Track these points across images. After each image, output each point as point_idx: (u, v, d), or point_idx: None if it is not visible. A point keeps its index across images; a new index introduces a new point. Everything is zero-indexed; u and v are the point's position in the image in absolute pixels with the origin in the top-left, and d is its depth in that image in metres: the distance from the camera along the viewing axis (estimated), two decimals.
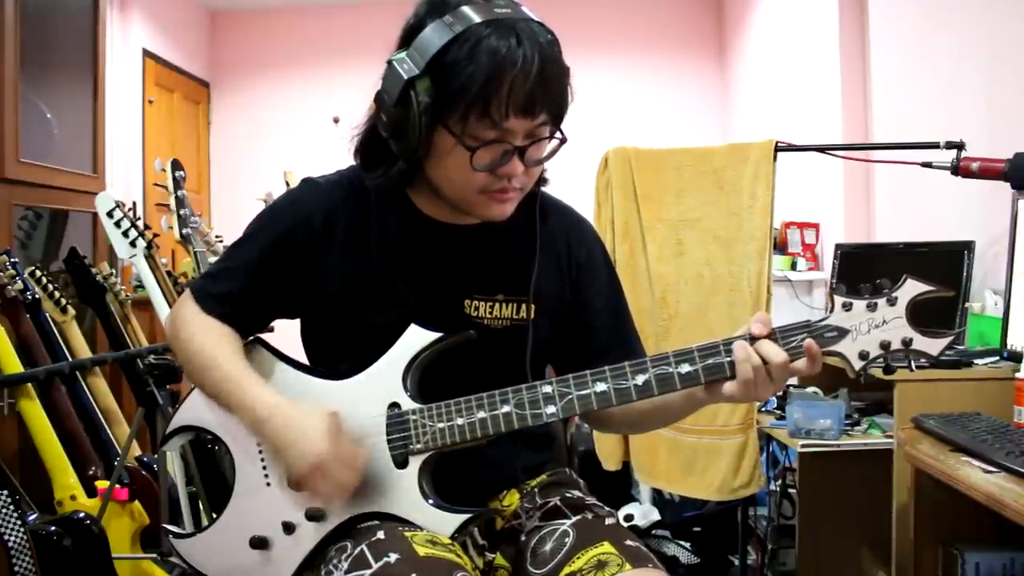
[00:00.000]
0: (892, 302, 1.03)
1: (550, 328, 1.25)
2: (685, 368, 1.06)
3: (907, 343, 1.03)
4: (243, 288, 1.21)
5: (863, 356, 1.04)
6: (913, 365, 1.05)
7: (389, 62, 1.08)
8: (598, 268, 1.30)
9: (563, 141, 1.13)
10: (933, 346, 1.03)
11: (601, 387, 1.08)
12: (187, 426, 1.26)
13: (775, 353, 1.04)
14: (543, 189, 1.26)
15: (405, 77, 1.04)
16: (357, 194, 1.20)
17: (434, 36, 1.04)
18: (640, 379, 1.07)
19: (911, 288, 1.02)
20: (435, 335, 1.13)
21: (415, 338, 1.14)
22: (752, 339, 1.05)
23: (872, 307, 1.03)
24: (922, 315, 1.03)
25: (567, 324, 1.27)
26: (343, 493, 1.10)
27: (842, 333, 1.04)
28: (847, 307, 1.04)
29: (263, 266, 1.20)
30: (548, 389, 1.09)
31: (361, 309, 1.18)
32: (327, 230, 1.18)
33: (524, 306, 1.21)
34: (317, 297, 1.20)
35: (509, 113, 1.04)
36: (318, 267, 1.18)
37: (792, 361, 1.04)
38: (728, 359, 1.05)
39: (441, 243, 1.20)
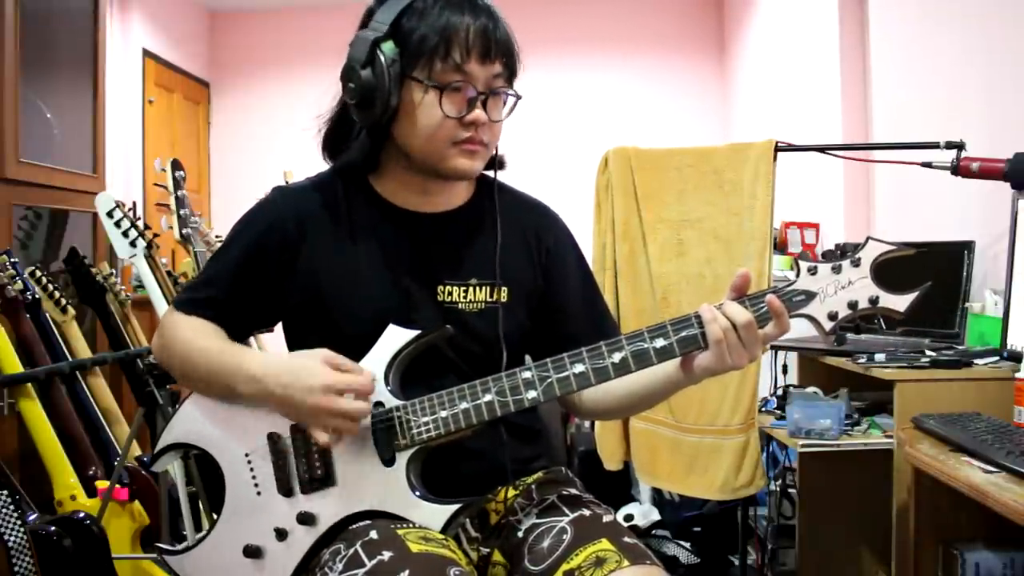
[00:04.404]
0: (856, 263, 1.05)
1: (525, 314, 1.28)
2: (660, 343, 1.08)
3: (874, 301, 1.04)
4: (224, 295, 1.24)
5: (832, 317, 1.06)
6: (883, 324, 1.07)
7: (354, 39, 1.16)
8: (566, 253, 1.34)
9: (518, 98, 1.20)
10: (900, 302, 1.04)
11: (579, 368, 1.09)
12: (176, 443, 1.27)
13: (739, 312, 1.06)
14: (499, 178, 1.31)
15: (371, 38, 1.13)
16: (327, 194, 1.25)
17: (392, 5, 1.15)
18: (617, 357, 1.08)
19: (873, 249, 1.04)
20: (413, 333, 1.15)
21: (394, 337, 1.15)
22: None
23: (837, 269, 1.05)
24: (890, 280, 1.04)
25: (541, 309, 1.30)
26: (365, 409, 1.10)
27: (810, 296, 1.06)
28: (812, 271, 1.06)
29: (241, 272, 1.23)
30: (528, 375, 1.11)
31: (339, 305, 1.20)
32: (300, 232, 1.22)
33: (498, 289, 1.24)
34: (296, 298, 1.22)
35: (470, 55, 1.13)
36: (294, 268, 1.21)
37: (761, 327, 1.06)
38: (701, 330, 1.07)
39: (409, 231, 1.24)
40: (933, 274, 1.05)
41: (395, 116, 1.17)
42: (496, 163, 1.28)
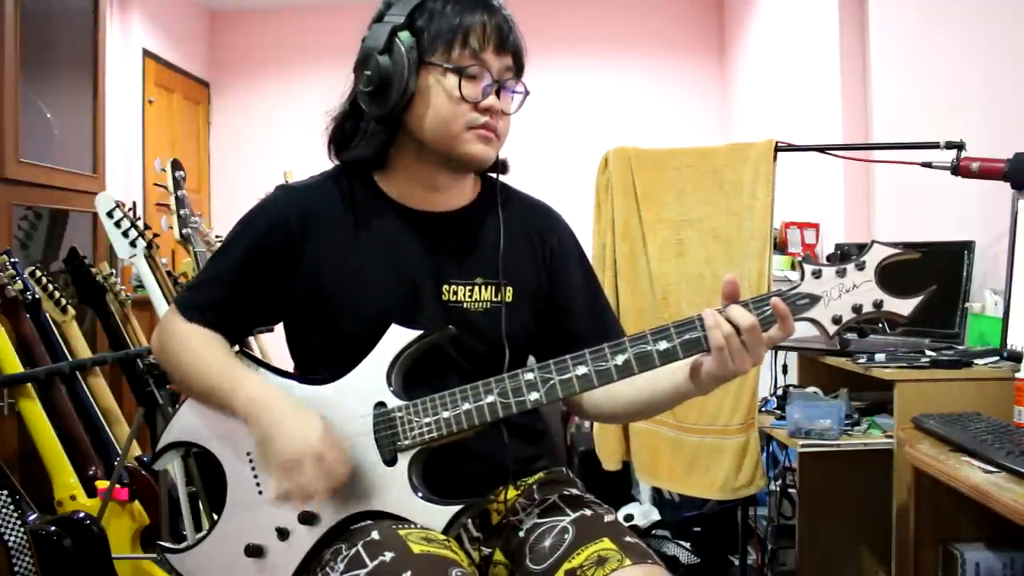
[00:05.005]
0: (860, 267, 1.04)
1: (529, 314, 1.28)
2: (663, 345, 1.07)
3: (878, 305, 1.04)
4: (226, 294, 1.23)
5: (836, 321, 1.05)
6: (887, 327, 1.06)
7: (368, 31, 1.19)
8: (570, 253, 1.34)
9: (527, 93, 1.23)
10: (904, 306, 1.04)
11: (582, 370, 1.09)
12: (177, 442, 1.27)
13: (743, 316, 1.05)
14: (502, 179, 1.31)
15: (390, 26, 1.15)
16: (332, 192, 1.25)
17: (405, 3, 1.17)
18: (620, 359, 1.08)
19: (878, 252, 1.04)
20: (415, 333, 1.15)
21: (396, 337, 1.15)
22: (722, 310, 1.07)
23: (841, 273, 1.05)
24: (895, 284, 1.04)
25: (545, 310, 1.30)
26: (332, 487, 1.09)
27: (814, 300, 1.06)
28: (816, 274, 1.06)
29: (243, 271, 1.23)
30: (530, 376, 1.11)
31: (342, 303, 1.20)
32: (303, 230, 1.21)
33: (502, 289, 1.24)
34: (299, 295, 1.22)
35: (487, 44, 1.16)
36: (297, 267, 1.21)
37: (764, 330, 1.05)
38: (704, 333, 1.06)
39: (414, 229, 1.24)
40: (933, 274, 1.05)
41: (409, 104, 1.17)
42: (499, 165, 1.28)
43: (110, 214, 2.45)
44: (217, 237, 2.88)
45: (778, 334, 1.06)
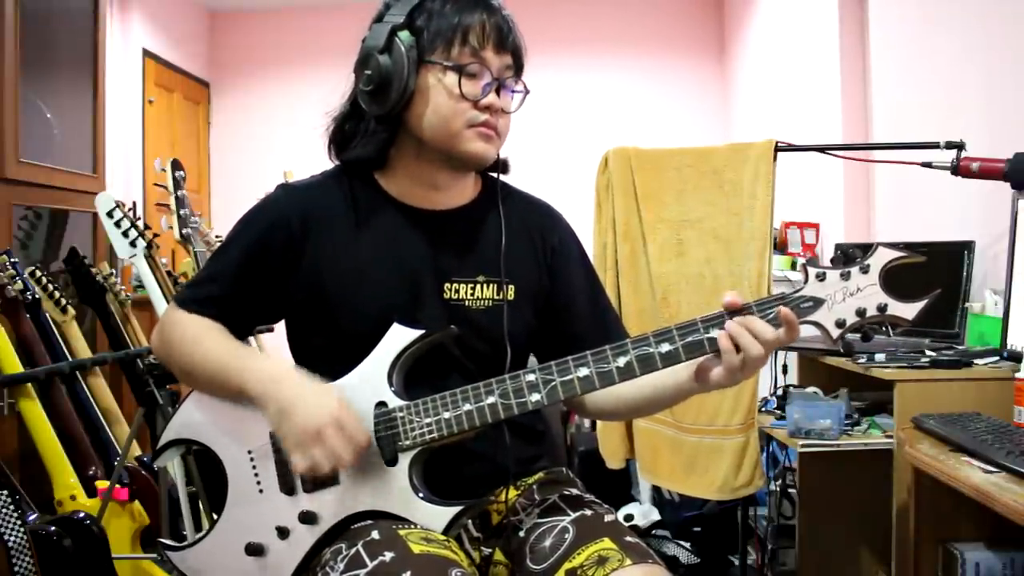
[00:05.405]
0: (865, 270, 1.04)
1: (531, 313, 1.28)
2: (665, 347, 1.08)
3: (882, 308, 1.04)
4: (226, 292, 1.23)
5: (840, 324, 1.05)
6: (891, 331, 1.06)
7: (368, 31, 1.19)
8: (571, 253, 1.34)
9: (527, 92, 1.23)
10: (908, 310, 1.04)
11: (584, 372, 1.09)
12: (178, 439, 1.27)
13: (763, 328, 1.05)
14: (503, 179, 1.31)
15: (390, 25, 1.16)
16: (333, 191, 1.25)
17: (404, 4, 1.18)
18: (621, 361, 1.08)
19: (882, 255, 1.04)
20: (417, 333, 1.15)
21: (398, 337, 1.15)
22: (731, 314, 1.07)
23: (846, 276, 1.05)
24: (899, 287, 1.04)
25: (547, 309, 1.30)
26: (354, 453, 1.09)
27: (817, 303, 1.06)
28: (820, 277, 1.06)
29: (244, 269, 1.22)
30: (531, 377, 1.11)
31: (343, 302, 1.20)
32: (304, 230, 1.21)
33: (504, 287, 1.24)
34: (300, 295, 1.22)
35: (487, 42, 1.17)
36: (298, 266, 1.21)
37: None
38: (707, 336, 1.06)
39: (415, 228, 1.24)
40: (934, 275, 1.05)
41: (410, 102, 1.18)
42: (500, 165, 1.28)
43: (110, 214, 2.45)
44: (217, 237, 2.87)
45: (783, 338, 1.06)
